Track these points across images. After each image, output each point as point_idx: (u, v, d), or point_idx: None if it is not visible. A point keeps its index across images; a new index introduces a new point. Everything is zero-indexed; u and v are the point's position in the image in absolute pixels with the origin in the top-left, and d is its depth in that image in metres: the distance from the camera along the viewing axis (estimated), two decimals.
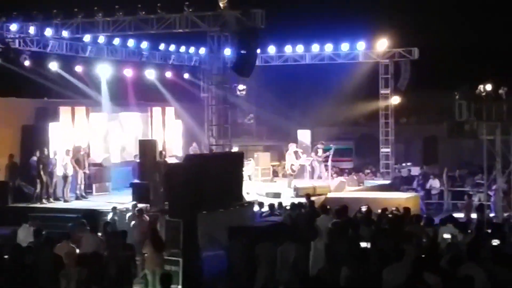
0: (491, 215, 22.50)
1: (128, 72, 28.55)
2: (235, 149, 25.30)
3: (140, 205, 19.76)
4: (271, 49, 32.23)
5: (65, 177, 23.44)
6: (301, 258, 13.05)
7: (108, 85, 27.64)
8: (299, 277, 12.50)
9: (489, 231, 15.64)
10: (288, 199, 22.29)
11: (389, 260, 11.15)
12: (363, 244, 13.28)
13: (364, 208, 18.69)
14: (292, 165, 27.72)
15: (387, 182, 30.15)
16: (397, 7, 33.14)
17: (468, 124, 22.69)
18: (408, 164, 32.45)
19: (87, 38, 25.64)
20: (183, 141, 30.38)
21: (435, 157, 34.00)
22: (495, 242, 13.38)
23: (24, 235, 16.42)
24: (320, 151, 28.65)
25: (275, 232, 14.13)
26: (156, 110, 29.35)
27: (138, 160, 23.62)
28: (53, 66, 25.50)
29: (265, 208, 19.51)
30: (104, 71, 27.32)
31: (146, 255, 15.04)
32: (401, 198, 24.00)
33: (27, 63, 24.61)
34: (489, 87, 22.87)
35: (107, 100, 27.58)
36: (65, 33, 23.89)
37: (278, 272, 12.93)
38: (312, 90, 34.09)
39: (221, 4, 21.68)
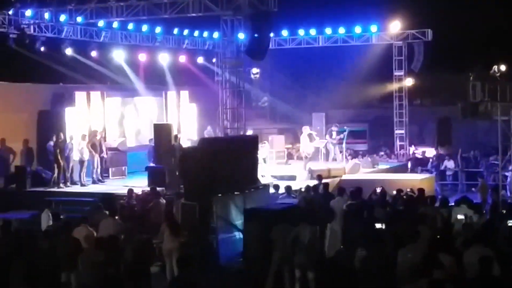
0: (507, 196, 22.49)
1: (143, 57, 28.78)
2: (249, 132, 25.37)
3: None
4: (284, 32, 32.17)
5: (81, 162, 23.60)
6: (315, 240, 13.14)
7: (122, 69, 27.91)
8: (314, 259, 12.64)
9: (504, 211, 15.69)
10: (303, 182, 22.36)
11: (404, 241, 11.24)
12: (378, 226, 13.38)
13: (378, 190, 18.78)
14: (306, 147, 27.73)
15: (402, 163, 30.13)
16: None
17: (482, 105, 22.61)
18: (420, 147, 32.35)
19: (101, 23, 25.73)
20: (197, 124, 30.47)
21: (449, 139, 33.90)
22: (511, 222, 13.44)
23: (46, 220, 16.63)
24: (334, 134, 28.69)
25: (291, 215, 14.21)
26: (171, 94, 29.44)
27: (153, 144, 23.79)
28: (68, 51, 25.82)
29: (281, 190, 19.60)
30: (119, 56, 27.55)
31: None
32: (416, 179, 24.03)
33: (42, 48, 24.86)
34: (503, 67, 22.78)
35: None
36: (79, 19, 23.94)
37: (293, 254, 13.02)
38: (326, 72, 34.05)
39: None
